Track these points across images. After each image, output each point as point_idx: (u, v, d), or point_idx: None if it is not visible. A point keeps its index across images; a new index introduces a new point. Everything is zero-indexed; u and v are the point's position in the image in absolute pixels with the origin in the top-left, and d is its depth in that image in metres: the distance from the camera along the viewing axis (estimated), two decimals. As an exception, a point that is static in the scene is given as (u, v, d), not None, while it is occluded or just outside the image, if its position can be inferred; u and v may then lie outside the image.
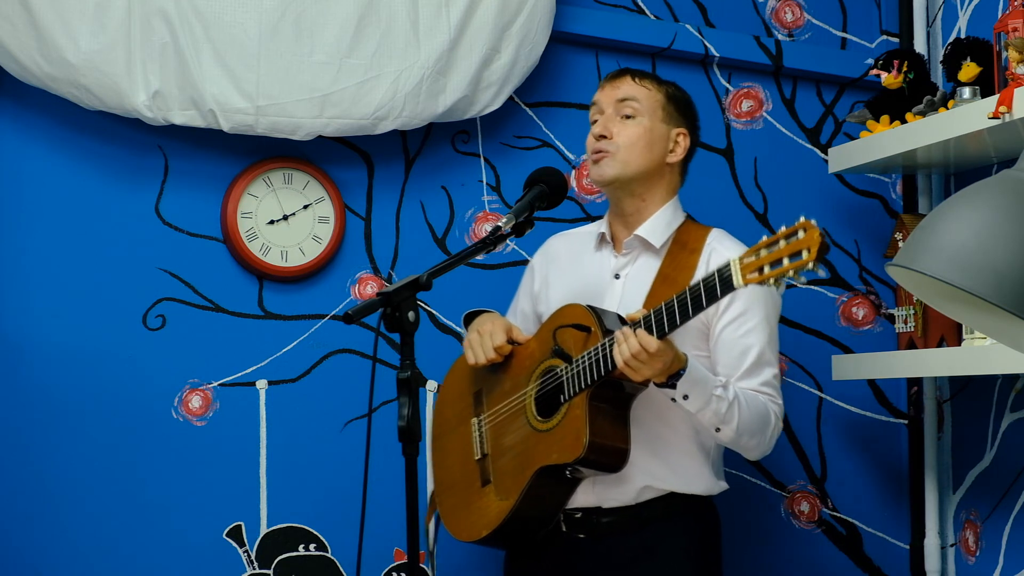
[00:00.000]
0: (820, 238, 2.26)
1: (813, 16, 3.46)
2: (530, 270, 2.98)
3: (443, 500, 2.85)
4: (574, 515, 2.72)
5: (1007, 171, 1.51)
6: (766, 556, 3.35)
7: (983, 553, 3.16)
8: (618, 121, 2.77)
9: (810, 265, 2.27)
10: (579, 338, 2.62)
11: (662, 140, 2.78)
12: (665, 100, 2.81)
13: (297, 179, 3.16)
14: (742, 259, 2.36)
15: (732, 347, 2.69)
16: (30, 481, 3.02)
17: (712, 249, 2.74)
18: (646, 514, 2.71)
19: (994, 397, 3.14)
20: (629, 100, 2.78)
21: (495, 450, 2.75)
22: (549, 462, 2.61)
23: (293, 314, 3.17)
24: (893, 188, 3.45)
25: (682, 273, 2.71)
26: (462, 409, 2.86)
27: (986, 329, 1.59)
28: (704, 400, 2.56)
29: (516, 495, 2.66)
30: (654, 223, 2.78)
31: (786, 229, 2.31)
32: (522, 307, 2.96)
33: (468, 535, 2.78)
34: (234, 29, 2.99)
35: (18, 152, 3.05)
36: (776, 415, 2.69)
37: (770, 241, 2.33)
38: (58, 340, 3.04)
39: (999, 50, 2.81)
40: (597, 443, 2.56)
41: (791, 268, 2.29)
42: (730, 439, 2.64)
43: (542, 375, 2.69)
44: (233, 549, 3.11)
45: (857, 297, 3.43)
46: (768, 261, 2.32)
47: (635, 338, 2.46)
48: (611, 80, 2.84)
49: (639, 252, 2.79)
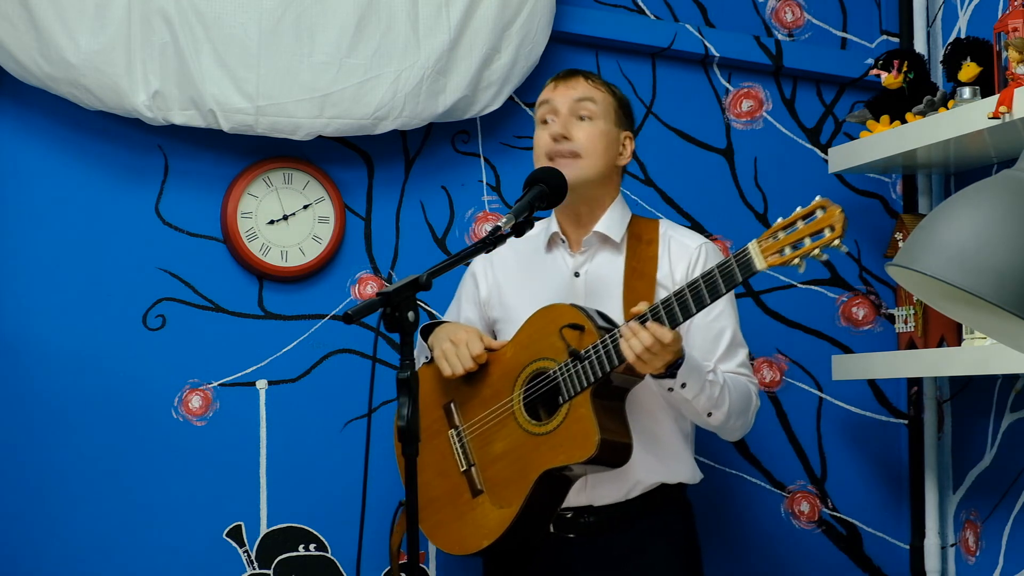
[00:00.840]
0: (842, 215, 2.28)
1: (813, 16, 3.46)
2: (471, 276, 2.94)
3: (426, 517, 2.78)
4: (564, 515, 2.72)
5: (1007, 171, 1.51)
6: (766, 556, 3.35)
7: (983, 553, 3.16)
8: (575, 122, 2.76)
9: (836, 242, 2.29)
10: (573, 337, 2.62)
11: (615, 143, 2.79)
12: (616, 104, 2.81)
13: (297, 179, 3.16)
14: (760, 241, 2.37)
15: (706, 332, 2.72)
16: (30, 481, 3.01)
17: (669, 237, 2.78)
18: (633, 511, 2.71)
19: (994, 397, 3.14)
20: (586, 100, 2.77)
21: (482, 460, 2.73)
22: (555, 464, 2.60)
23: (293, 314, 3.17)
24: (893, 188, 3.45)
25: (647, 264, 2.73)
26: (432, 422, 2.81)
27: (986, 329, 1.59)
28: (700, 386, 2.58)
29: (519, 501, 2.64)
30: (609, 219, 2.78)
31: (802, 210, 2.33)
32: (466, 315, 2.91)
33: (464, 548, 2.74)
34: (234, 29, 2.99)
35: (18, 152, 3.05)
36: (755, 394, 2.74)
37: (787, 223, 2.35)
38: (58, 340, 3.04)
39: (999, 50, 2.81)
40: (608, 440, 2.56)
41: (816, 247, 2.31)
42: (720, 422, 2.66)
43: (529, 379, 2.68)
44: (233, 549, 3.11)
45: (857, 297, 3.43)
46: (789, 242, 2.34)
47: (647, 331, 2.46)
48: (564, 80, 2.82)
49: (597, 249, 2.79)
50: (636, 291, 2.64)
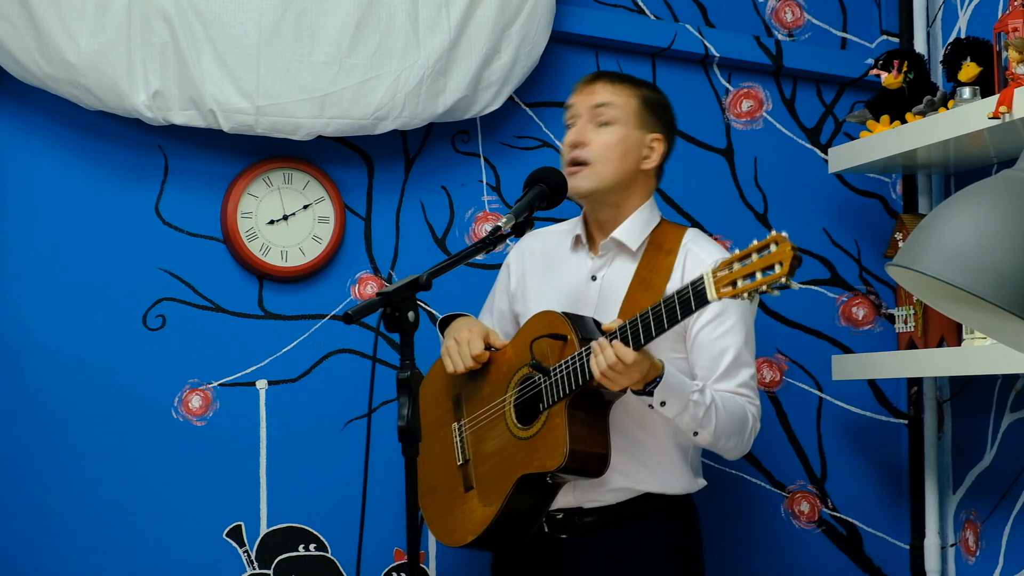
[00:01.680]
0: (792, 251, 2.24)
1: (813, 16, 3.46)
2: (505, 267, 2.97)
3: (426, 504, 2.86)
4: (556, 516, 2.72)
5: (1007, 171, 1.51)
6: (766, 556, 3.35)
7: (983, 553, 3.16)
8: (592, 128, 2.75)
9: (783, 279, 2.25)
10: (555, 347, 2.62)
11: (637, 147, 2.76)
12: (640, 105, 2.77)
13: (297, 179, 3.16)
14: (715, 272, 2.35)
15: (709, 349, 2.68)
16: (30, 480, 3.01)
17: (688, 250, 2.73)
18: (627, 512, 2.71)
19: (994, 397, 3.14)
20: (604, 106, 2.75)
21: (476, 456, 2.75)
22: (531, 470, 2.62)
23: (293, 314, 3.17)
24: (893, 188, 3.45)
25: (658, 275, 2.71)
26: (441, 414, 2.85)
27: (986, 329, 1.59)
28: (681, 406, 2.56)
29: (499, 502, 2.66)
30: (630, 225, 2.77)
31: (758, 243, 2.30)
32: (499, 305, 2.95)
33: (453, 540, 2.79)
34: (234, 29, 2.99)
35: (18, 152, 3.05)
36: (754, 416, 2.70)
37: (742, 255, 2.32)
38: (58, 340, 3.04)
39: (999, 50, 2.81)
40: (578, 451, 2.57)
41: (764, 283, 2.27)
42: (708, 442, 2.64)
43: (520, 382, 2.69)
44: (233, 549, 3.11)
45: (857, 297, 3.43)
46: (741, 275, 2.31)
47: (611, 349, 2.46)
48: (586, 84, 2.80)
49: (615, 254, 2.79)
50: (637, 302, 2.62)
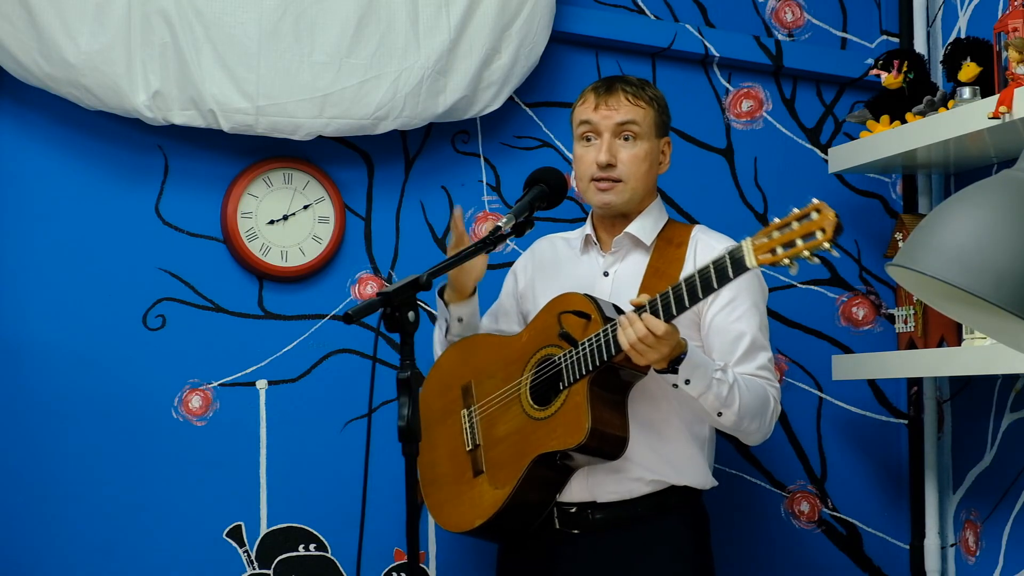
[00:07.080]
0: (835, 218, 2.27)
1: (813, 16, 3.46)
2: (513, 272, 2.99)
3: (430, 494, 2.86)
4: (568, 509, 2.72)
5: (1007, 171, 1.51)
6: (766, 556, 3.35)
7: (983, 553, 3.16)
8: (618, 144, 2.76)
9: (825, 245, 2.28)
10: (578, 325, 2.63)
11: (656, 156, 2.81)
12: (656, 116, 2.80)
13: (297, 179, 3.16)
14: (753, 240, 2.37)
15: (725, 333, 2.70)
16: (30, 481, 3.02)
17: (698, 240, 2.78)
18: (640, 510, 2.71)
19: (994, 397, 3.14)
20: (629, 124, 2.76)
21: (487, 440, 2.76)
22: (548, 449, 2.62)
23: (293, 314, 3.17)
24: (893, 188, 3.45)
25: (671, 266, 2.73)
26: (448, 402, 2.87)
27: (986, 329, 1.59)
28: (705, 384, 2.57)
29: (512, 483, 2.66)
30: (642, 222, 2.80)
31: (798, 211, 2.32)
32: (504, 307, 2.97)
33: (459, 526, 2.78)
34: (234, 29, 2.99)
35: (18, 152, 3.05)
36: (775, 398, 2.71)
37: (782, 223, 2.34)
38: (58, 340, 3.04)
39: (999, 50, 2.81)
40: (598, 430, 2.57)
41: (805, 248, 2.29)
42: (732, 423, 2.63)
43: (538, 364, 2.70)
44: (233, 549, 3.11)
45: (857, 297, 3.43)
46: (781, 242, 2.33)
47: (641, 322, 2.47)
48: (604, 99, 2.78)
49: (628, 250, 2.81)
50: (653, 289, 2.63)
